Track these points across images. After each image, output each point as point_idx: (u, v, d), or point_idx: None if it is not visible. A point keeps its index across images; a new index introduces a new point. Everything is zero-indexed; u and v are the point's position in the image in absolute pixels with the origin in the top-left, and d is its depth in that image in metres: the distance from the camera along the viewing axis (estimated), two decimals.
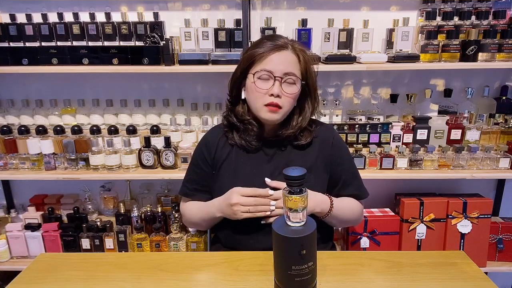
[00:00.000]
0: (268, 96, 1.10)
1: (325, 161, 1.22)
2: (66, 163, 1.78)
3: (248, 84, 1.14)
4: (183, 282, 0.92)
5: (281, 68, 1.09)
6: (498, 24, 1.74)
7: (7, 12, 1.76)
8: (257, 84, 1.11)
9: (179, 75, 1.95)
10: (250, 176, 1.19)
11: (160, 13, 1.78)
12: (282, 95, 1.10)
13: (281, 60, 1.10)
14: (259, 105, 1.13)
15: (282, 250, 0.80)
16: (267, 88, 1.10)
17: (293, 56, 1.12)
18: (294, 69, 1.11)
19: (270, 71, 1.09)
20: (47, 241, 1.84)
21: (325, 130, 1.26)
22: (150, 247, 1.80)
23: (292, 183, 0.78)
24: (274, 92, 1.09)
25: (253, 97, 1.13)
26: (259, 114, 1.14)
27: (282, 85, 1.10)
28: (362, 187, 1.28)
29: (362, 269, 0.96)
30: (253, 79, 1.11)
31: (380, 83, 1.98)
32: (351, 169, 1.26)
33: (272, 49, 1.10)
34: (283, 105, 1.12)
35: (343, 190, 1.25)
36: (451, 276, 0.93)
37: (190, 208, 1.29)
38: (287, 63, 1.11)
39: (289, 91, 1.11)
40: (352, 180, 1.26)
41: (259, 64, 1.11)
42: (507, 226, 1.84)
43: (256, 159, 1.21)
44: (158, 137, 1.77)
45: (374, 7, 1.88)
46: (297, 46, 1.14)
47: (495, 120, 1.82)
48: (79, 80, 1.95)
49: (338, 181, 1.24)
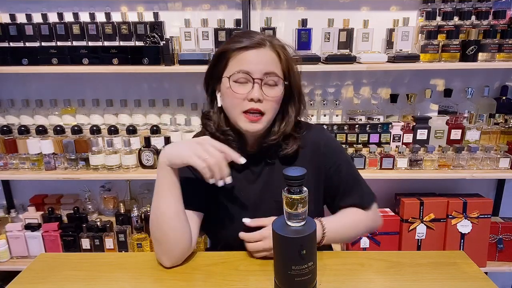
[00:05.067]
0: (247, 102, 0.95)
1: (318, 173, 1.08)
2: (66, 163, 1.78)
3: (223, 90, 0.99)
4: (183, 282, 0.92)
5: (260, 67, 0.95)
6: (498, 24, 1.74)
7: (7, 12, 1.76)
8: (234, 89, 0.95)
9: (179, 75, 1.95)
10: (235, 199, 1.05)
11: (160, 13, 1.78)
12: (264, 99, 0.96)
13: (260, 58, 0.95)
14: (236, 113, 0.97)
15: (282, 250, 0.80)
16: (245, 93, 0.95)
17: (272, 54, 0.97)
18: (275, 68, 0.97)
19: (248, 72, 0.94)
20: (47, 241, 1.84)
21: (314, 136, 1.09)
22: (150, 247, 1.80)
23: (292, 183, 0.78)
24: (254, 96, 0.94)
25: (230, 104, 0.98)
26: (238, 124, 0.99)
27: (263, 88, 0.96)
28: (365, 194, 1.10)
29: (362, 269, 0.96)
30: (229, 83, 0.96)
31: (380, 83, 1.98)
32: (349, 175, 1.10)
33: (248, 46, 0.95)
34: (266, 110, 0.97)
35: (343, 201, 1.10)
36: (451, 276, 0.93)
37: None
38: (267, 62, 0.96)
39: (271, 94, 0.96)
40: (352, 188, 1.09)
41: (234, 64, 0.96)
42: (507, 226, 1.84)
43: (240, 179, 1.05)
44: (158, 137, 1.77)
45: (374, 7, 1.88)
46: (276, 43, 0.99)
47: (495, 120, 1.82)
48: (79, 80, 1.95)
49: (337, 191, 1.09)
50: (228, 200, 1.06)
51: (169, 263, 0.96)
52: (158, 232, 0.96)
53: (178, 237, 0.95)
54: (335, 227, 1.03)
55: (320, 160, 1.07)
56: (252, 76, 0.95)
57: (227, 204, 1.06)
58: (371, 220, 1.11)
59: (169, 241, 0.95)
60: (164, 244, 0.95)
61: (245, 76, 0.95)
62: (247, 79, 0.95)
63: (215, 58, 1.01)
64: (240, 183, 1.06)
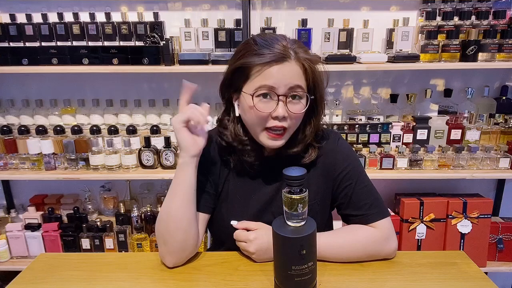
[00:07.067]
0: (271, 119, 0.92)
1: (329, 181, 1.05)
2: (66, 163, 1.78)
3: (244, 104, 0.94)
4: (183, 282, 0.92)
5: (285, 82, 0.89)
6: (498, 24, 1.74)
7: (7, 12, 1.76)
8: (257, 106, 0.91)
9: (179, 75, 1.94)
10: (248, 201, 1.04)
11: (160, 13, 1.78)
12: (288, 116, 0.92)
13: (284, 73, 0.89)
14: (259, 130, 0.95)
15: (282, 250, 0.80)
16: (269, 111, 0.91)
17: (297, 67, 0.91)
18: (299, 81, 0.91)
19: (272, 86, 0.89)
20: (47, 241, 1.84)
21: (331, 145, 1.06)
22: (150, 247, 1.80)
23: (292, 183, 0.78)
24: (279, 114, 0.90)
25: (252, 120, 0.94)
26: (259, 139, 0.96)
27: (287, 104, 0.91)
28: (372, 208, 1.01)
29: (362, 269, 0.96)
30: (252, 100, 0.91)
31: (380, 83, 1.98)
32: (359, 185, 1.03)
33: (272, 60, 0.89)
34: (289, 126, 0.93)
35: (351, 211, 1.03)
36: (451, 276, 0.93)
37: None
38: (292, 76, 0.90)
39: (295, 110, 0.92)
40: (360, 199, 1.02)
41: (256, 80, 0.91)
42: (507, 226, 1.84)
43: (252, 183, 1.05)
44: (158, 137, 1.77)
45: (374, 7, 1.88)
46: (301, 55, 0.92)
47: (495, 120, 1.82)
48: (79, 80, 1.95)
49: (344, 201, 1.04)
50: (238, 202, 1.05)
51: (172, 263, 0.97)
52: (165, 233, 0.95)
53: (185, 239, 0.95)
54: (329, 244, 0.96)
55: (333, 169, 1.04)
56: (277, 93, 0.90)
57: (237, 207, 1.05)
58: (377, 242, 0.98)
59: (176, 243, 0.95)
60: (170, 245, 0.95)
61: (269, 92, 0.90)
62: (270, 95, 0.91)
63: (234, 69, 0.95)
64: (252, 186, 1.05)
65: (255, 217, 1.03)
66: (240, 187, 1.06)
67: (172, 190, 0.96)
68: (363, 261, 0.99)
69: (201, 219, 1.03)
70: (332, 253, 0.97)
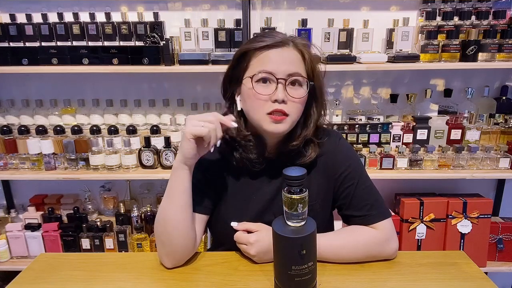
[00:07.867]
0: (271, 103, 0.92)
1: (330, 181, 1.05)
2: (66, 163, 1.78)
3: (245, 91, 0.95)
4: (183, 282, 0.92)
5: (284, 68, 0.91)
6: (498, 24, 1.74)
7: (7, 12, 1.76)
8: (257, 90, 0.92)
9: (179, 75, 1.95)
10: (248, 201, 1.04)
11: (160, 13, 1.78)
12: (288, 100, 0.92)
13: (283, 58, 0.92)
14: (261, 115, 0.94)
15: (282, 250, 0.80)
16: (269, 94, 0.92)
17: (296, 53, 0.94)
18: (299, 69, 0.93)
19: (271, 72, 0.91)
20: (47, 241, 1.84)
21: (332, 144, 1.06)
22: (150, 247, 1.80)
23: (292, 183, 0.78)
24: (278, 97, 0.91)
25: (253, 105, 0.95)
26: (262, 126, 0.95)
27: (287, 88, 0.92)
28: (373, 209, 1.01)
29: (362, 269, 0.96)
30: (251, 84, 0.92)
31: (380, 83, 1.98)
32: (360, 185, 1.03)
33: (271, 45, 0.92)
34: (290, 112, 0.93)
35: (352, 212, 1.03)
36: (451, 276, 0.93)
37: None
38: (290, 62, 0.93)
39: (296, 95, 0.93)
40: (361, 200, 1.02)
41: (256, 64, 0.93)
42: (507, 226, 1.84)
43: (253, 183, 1.04)
44: (158, 137, 1.77)
45: (374, 7, 1.88)
46: (299, 42, 0.95)
47: (495, 120, 1.82)
48: (79, 80, 1.95)
49: (345, 201, 1.04)
50: (239, 203, 1.05)
51: (170, 265, 0.97)
52: (163, 234, 0.96)
53: (183, 241, 0.96)
54: (328, 244, 0.96)
55: (334, 169, 1.04)
56: (276, 76, 0.91)
57: (237, 207, 1.04)
58: (378, 244, 0.98)
59: (173, 244, 0.95)
60: (168, 246, 0.96)
61: (268, 76, 0.92)
62: (270, 79, 0.92)
63: (235, 59, 0.98)
64: (253, 187, 1.05)
65: (256, 217, 1.03)
66: (240, 187, 1.05)
67: (167, 194, 0.96)
68: (364, 262, 0.99)
69: (199, 220, 1.02)
70: (333, 254, 0.97)
